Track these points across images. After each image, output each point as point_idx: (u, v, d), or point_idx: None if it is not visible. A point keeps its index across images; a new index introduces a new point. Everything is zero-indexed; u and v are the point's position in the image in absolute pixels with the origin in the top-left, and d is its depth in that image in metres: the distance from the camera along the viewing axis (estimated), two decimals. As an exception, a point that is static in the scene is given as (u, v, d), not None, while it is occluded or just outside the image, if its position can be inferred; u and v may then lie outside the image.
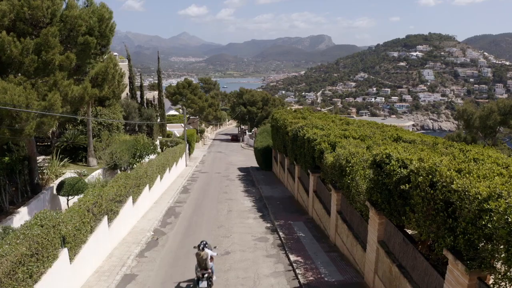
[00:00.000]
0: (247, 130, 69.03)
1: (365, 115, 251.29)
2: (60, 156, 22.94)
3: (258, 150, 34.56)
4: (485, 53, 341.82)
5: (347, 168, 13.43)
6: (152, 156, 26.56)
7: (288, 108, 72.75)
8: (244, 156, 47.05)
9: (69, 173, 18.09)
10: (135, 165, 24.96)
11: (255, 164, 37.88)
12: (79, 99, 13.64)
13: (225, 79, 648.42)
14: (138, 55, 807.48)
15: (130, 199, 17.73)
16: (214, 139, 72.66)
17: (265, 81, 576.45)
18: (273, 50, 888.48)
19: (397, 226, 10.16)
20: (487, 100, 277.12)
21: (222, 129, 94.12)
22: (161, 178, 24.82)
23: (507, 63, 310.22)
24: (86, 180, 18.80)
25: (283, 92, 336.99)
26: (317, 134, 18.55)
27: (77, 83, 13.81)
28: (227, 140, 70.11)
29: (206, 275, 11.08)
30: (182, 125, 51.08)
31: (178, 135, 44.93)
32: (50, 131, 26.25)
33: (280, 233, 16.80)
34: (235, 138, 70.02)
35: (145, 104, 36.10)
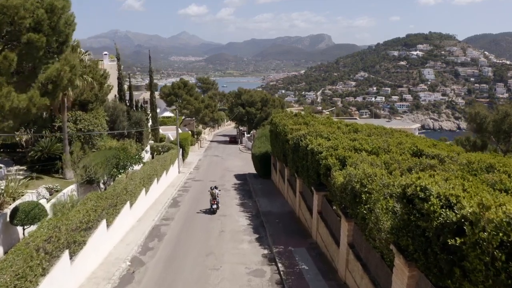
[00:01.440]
0: (245, 132, 66.26)
1: (365, 115, 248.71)
2: (36, 167, 20.33)
3: (256, 156, 31.86)
4: (485, 52, 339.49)
5: (362, 195, 10.75)
6: (138, 166, 23.86)
7: (289, 110, 70.09)
8: (242, 160, 44.35)
9: (30, 194, 15.36)
10: (118, 176, 22.29)
11: (253, 170, 35.15)
12: (25, 112, 10.93)
13: (225, 78, 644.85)
14: (138, 55, 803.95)
15: (104, 223, 15.04)
16: (211, 141, 69.93)
17: (265, 80, 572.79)
18: (273, 50, 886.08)
19: (437, 287, 7.47)
20: (487, 100, 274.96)
21: (220, 130, 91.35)
22: (146, 191, 22.13)
23: (508, 62, 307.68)
24: (55, 198, 16.12)
25: (283, 91, 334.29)
26: (322, 145, 15.86)
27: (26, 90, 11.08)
28: (225, 142, 67.38)
29: (215, 203, 21.54)
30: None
31: (172, 139, 42.19)
32: (24, 139, 23.59)
33: (279, 264, 14.11)
34: (233, 140, 67.26)
35: (134, 107, 33.38)
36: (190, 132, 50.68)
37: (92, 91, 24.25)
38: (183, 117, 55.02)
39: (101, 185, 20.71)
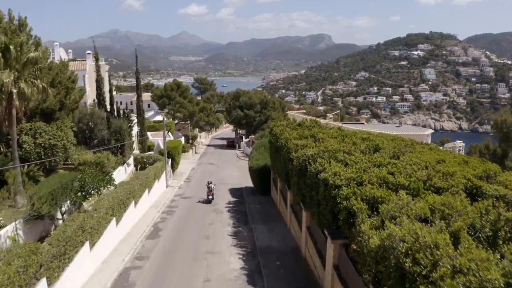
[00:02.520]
0: (244, 136, 62.01)
1: (366, 115, 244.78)
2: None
3: (254, 170, 27.58)
4: (486, 52, 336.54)
5: (417, 277, 6.57)
6: (111, 189, 19.60)
7: (290, 115, 65.61)
8: (239, 170, 40.12)
9: None
10: (84, 204, 18.07)
11: (250, 182, 30.82)
12: None
13: (225, 78, 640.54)
14: (138, 54, 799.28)
15: (43, 282, 10.84)
16: (208, 145, 65.68)
17: (265, 80, 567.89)
18: (273, 50, 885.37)
19: None
20: (489, 100, 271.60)
21: (218, 133, 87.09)
22: (118, 221, 17.90)
23: (509, 62, 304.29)
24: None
25: (283, 91, 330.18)
26: (339, 175, 11.63)
27: None
28: (222, 147, 63.09)
29: (211, 194, 26.35)
30: (169, 133, 44.17)
31: (163, 147, 37.81)
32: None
33: None
34: (231, 145, 63.02)
35: (116, 112, 29.09)
36: (181, 139, 46.48)
37: (57, 97, 20.02)
38: (176, 121, 50.75)
39: (59, 218, 16.47)
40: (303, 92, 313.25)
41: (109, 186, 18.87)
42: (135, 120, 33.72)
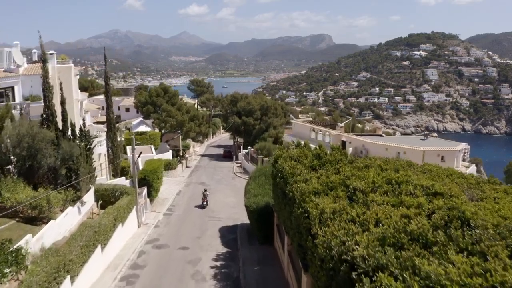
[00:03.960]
0: (242, 146, 54.57)
1: (368, 116, 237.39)
2: None
3: (252, 211, 20.04)
4: (489, 52, 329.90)
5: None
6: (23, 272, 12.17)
7: (295, 126, 57.79)
8: (235, 193, 32.74)
9: None
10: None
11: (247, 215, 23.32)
12: None
13: (225, 78, 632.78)
14: (138, 55, 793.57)
15: None
16: (203, 155, 58.21)
17: (265, 80, 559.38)
18: (273, 49, 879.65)
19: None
20: (492, 100, 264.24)
21: (215, 139, 79.56)
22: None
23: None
24: None
25: (284, 92, 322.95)
26: None
27: None
28: (217, 157, 55.60)
29: (206, 201, 28.89)
30: (152, 149, 36.70)
31: (143, 167, 30.05)
32: None
33: None
34: (228, 155, 55.55)
35: (70, 131, 21.58)
36: (169, 153, 39.01)
37: None
38: (163, 131, 43.31)
39: None
40: (304, 93, 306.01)
41: (16, 268, 11.42)
42: (101, 138, 26.26)
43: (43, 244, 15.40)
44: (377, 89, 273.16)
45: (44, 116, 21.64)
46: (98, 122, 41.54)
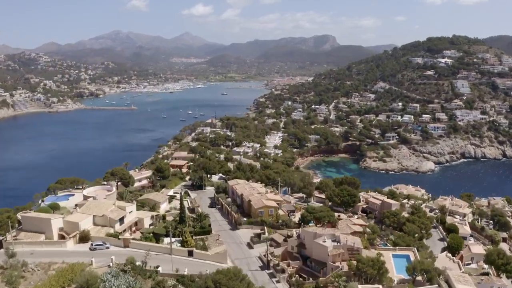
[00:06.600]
0: None
1: (393, 139, 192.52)
2: None
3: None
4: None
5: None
6: None
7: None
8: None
9: None
10: None
11: None
12: None
13: (225, 83, 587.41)
14: (138, 56, 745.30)
15: None
16: None
17: (268, 85, 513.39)
18: (276, 51, 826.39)
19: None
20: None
21: None
22: None
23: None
24: None
25: (289, 103, 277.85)
26: None
27: None
28: None
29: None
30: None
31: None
32: None
33: None
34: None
35: None
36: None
37: None
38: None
39: None
40: (313, 106, 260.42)
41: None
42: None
43: None
44: (400, 104, 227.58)
45: None
46: None
